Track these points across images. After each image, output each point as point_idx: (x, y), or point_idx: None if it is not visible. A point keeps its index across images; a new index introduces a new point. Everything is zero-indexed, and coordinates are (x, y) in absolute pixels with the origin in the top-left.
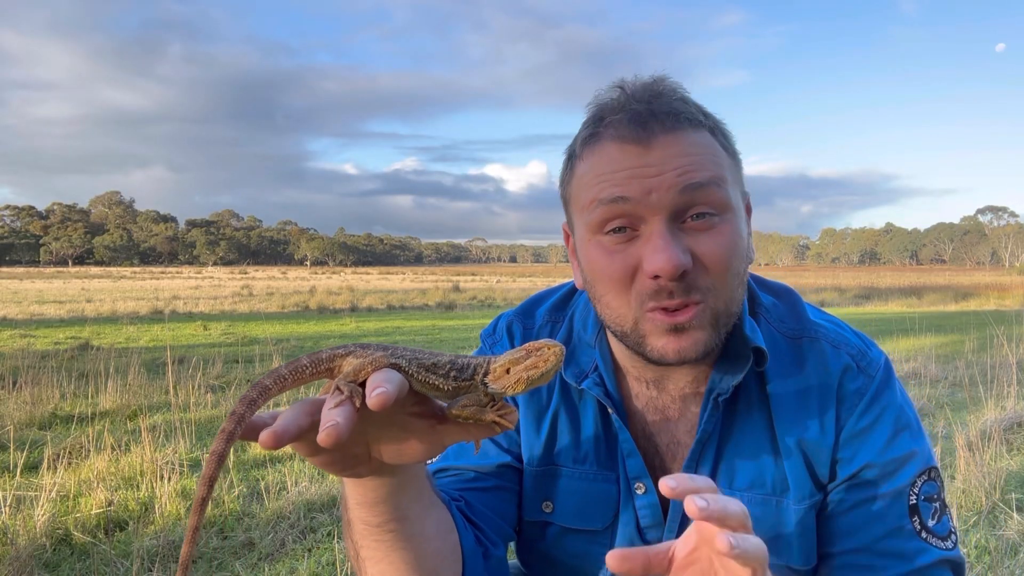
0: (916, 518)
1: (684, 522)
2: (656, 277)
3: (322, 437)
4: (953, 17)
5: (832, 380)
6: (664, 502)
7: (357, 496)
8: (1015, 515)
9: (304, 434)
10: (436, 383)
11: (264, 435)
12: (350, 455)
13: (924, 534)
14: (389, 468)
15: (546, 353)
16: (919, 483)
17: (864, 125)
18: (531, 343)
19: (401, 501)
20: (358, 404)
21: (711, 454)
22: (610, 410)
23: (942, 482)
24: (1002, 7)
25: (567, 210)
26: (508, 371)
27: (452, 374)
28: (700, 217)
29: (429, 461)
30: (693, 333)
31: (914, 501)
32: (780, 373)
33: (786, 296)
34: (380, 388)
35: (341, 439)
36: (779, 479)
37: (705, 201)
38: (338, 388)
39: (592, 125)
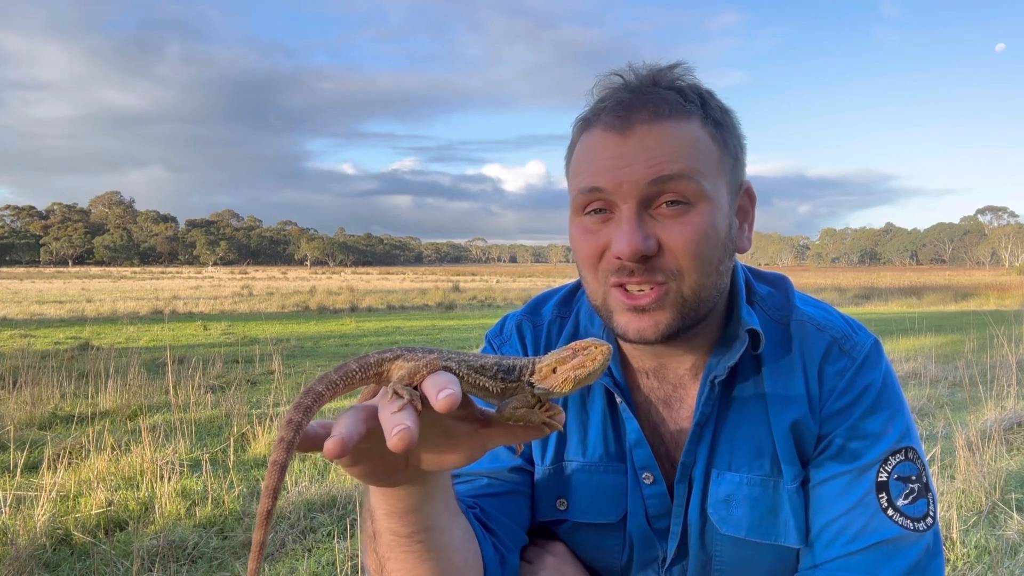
0: (884, 495)
1: (688, 510)
2: (619, 258)
3: (394, 442)
4: (951, 18)
5: (815, 362)
6: (671, 491)
7: (386, 506)
8: (1015, 515)
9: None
10: (485, 385)
11: (330, 444)
12: (390, 463)
13: (891, 512)
14: (422, 476)
15: (593, 352)
16: (892, 461)
17: (862, 125)
18: (577, 342)
19: (431, 510)
20: (420, 407)
21: (708, 437)
22: (618, 399)
23: (924, 466)
24: (1002, 7)
25: (568, 183)
26: (555, 371)
27: (500, 375)
28: (672, 205)
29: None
30: (654, 315)
31: (884, 478)
32: (772, 357)
33: (780, 284)
34: (447, 390)
35: (413, 443)
36: (775, 460)
37: (675, 191)
38: (396, 392)
39: (591, 109)
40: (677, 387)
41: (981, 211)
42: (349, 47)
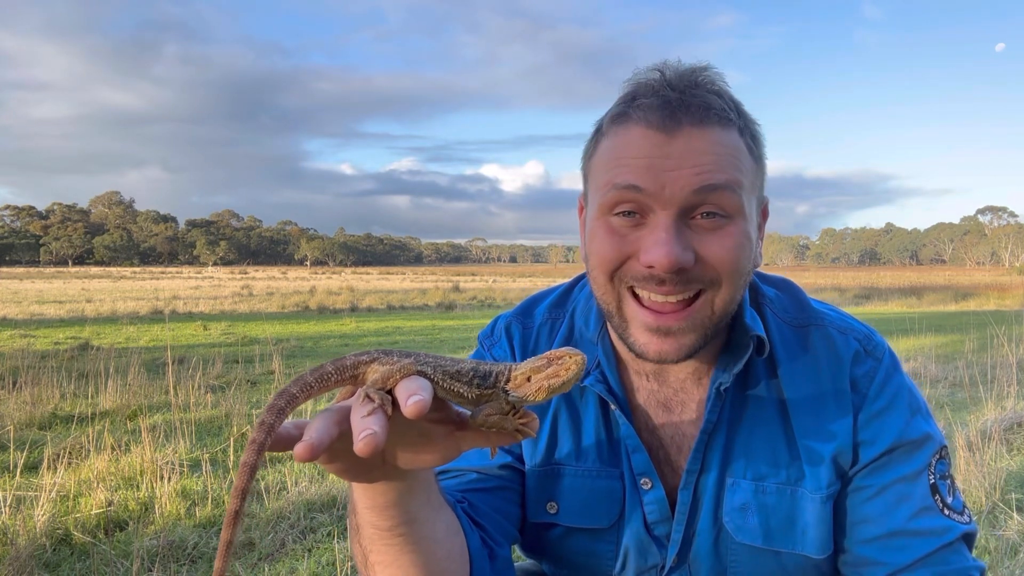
0: (937, 496)
1: (692, 516)
2: (650, 267)
3: (360, 447)
4: (951, 18)
5: (844, 365)
6: (671, 496)
7: (367, 500)
8: (1015, 515)
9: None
10: (460, 391)
11: (300, 448)
12: (365, 462)
13: (946, 511)
14: (400, 473)
15: (567, 362)
16: (934, 462)
17: (860, 126)
18: (552, 351)
19: (411, 504)
20: (390, 412)
21: (719, 444)
22: (612, 406)
23: (950, 460)
24: (1002, 7)
25: (585, 183)
26: (529, 379)
27: (475, 381)
28: (709, 216)
29: None
30: (679, 337)
31: (933, 480)
32: (790, 360)
33: (786, 288)
34: (417, 396)
35: (379, 448)
36: (794, 467)
37: (717, 203)
38: (368, 396)
39: (623, 104)
40: (678, 391)
41: (981, 211)
42: (347, 47)
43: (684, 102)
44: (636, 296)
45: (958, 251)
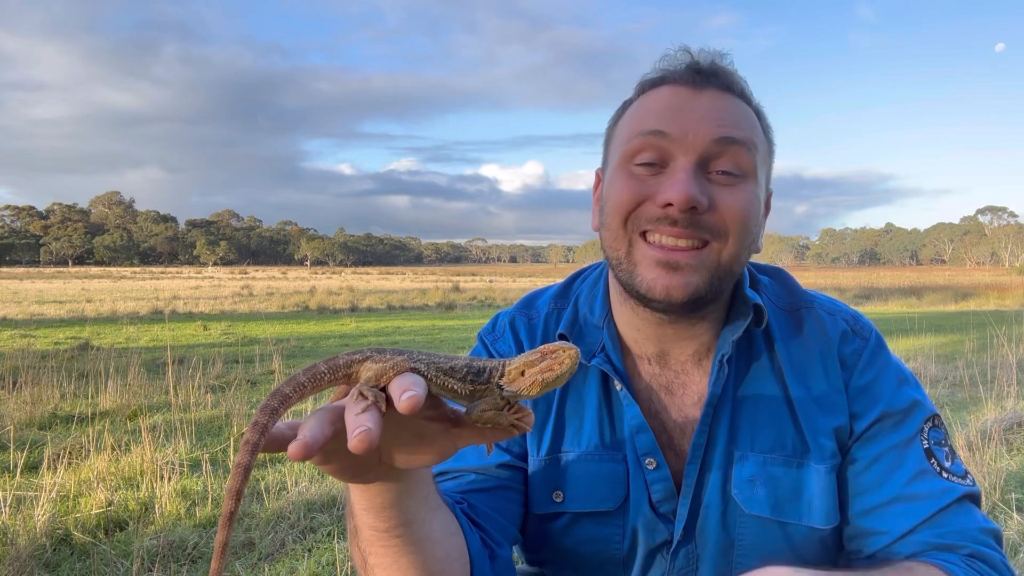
0: (934, 460)
1: (697, 493)
2: (667, 206)
3: (354, 443)
4: (950, 17)
5: (832, 344)
6: (676, 477)
7: (364, 502)
8: (1015, 515)
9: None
10: (454, 387)
11: (294, 447)
12: (361, 461)
13: (945, 474)
14: (396, 473)
15: (561, 356)
16: (926, 429)
17: (859, 126)
18: (546, 345)
19: (408, 505)
20: (384, 408)
21: (725, 419)
22: (618, 386)
23: (946, 430)
24: (1002, 7)
25: (605, 150)
26: (523, 373)
27: (469, 377)
28: (725, 174)
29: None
30: (686, 274)
31: (927, 446)
32: (785, 341)
33: (777, 275)
34: (410, 391)
35: (374, 444)
36: (798, 441)
37: (734, 158)
38: (361, 394)
39: (654, 73)
40: (680, 373)
41: (981, 211)
42: (345, 48)
43: (712, 70)
44: (647, 241)
45: (958, 251)
